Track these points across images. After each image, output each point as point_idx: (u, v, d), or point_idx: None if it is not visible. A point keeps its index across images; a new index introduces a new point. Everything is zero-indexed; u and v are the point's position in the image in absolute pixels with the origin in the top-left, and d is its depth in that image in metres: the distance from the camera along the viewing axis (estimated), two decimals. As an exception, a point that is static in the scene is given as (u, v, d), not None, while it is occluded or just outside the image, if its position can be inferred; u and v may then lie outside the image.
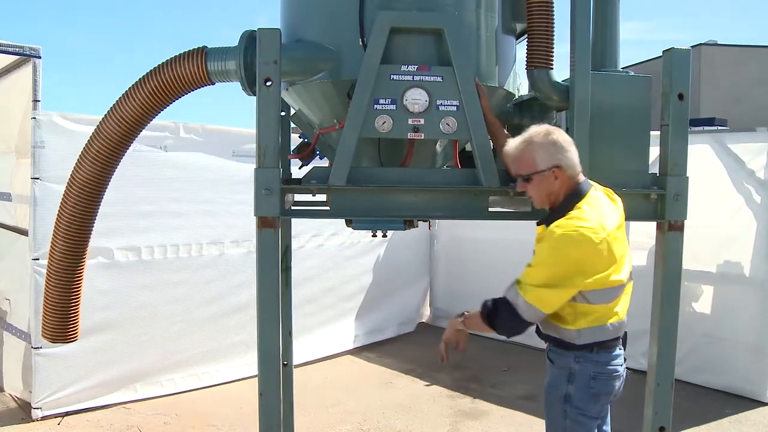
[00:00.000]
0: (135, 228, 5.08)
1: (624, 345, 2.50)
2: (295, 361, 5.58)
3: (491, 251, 6.84)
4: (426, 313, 8.18)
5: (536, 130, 2.41)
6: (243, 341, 5.60)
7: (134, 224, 5.07)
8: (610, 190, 2.52)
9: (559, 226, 2.27)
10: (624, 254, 2.37)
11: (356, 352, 6.76)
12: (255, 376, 2.58)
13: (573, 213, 2.31)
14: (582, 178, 2.43)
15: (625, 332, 2.49)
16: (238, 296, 5.63)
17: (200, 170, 5.44)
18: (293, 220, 3.59)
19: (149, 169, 5.10)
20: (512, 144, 2.44)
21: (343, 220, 2.75)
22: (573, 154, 2.39)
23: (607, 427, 2.57)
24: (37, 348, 4.61)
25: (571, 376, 2.39)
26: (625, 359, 2.50)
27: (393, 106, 2.46)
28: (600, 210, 2.33)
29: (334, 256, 6.66)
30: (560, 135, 2.40)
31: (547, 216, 2.42)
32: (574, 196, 2.37)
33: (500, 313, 2.34)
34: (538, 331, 2.55)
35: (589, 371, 2.38)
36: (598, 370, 2.39)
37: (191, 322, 5.44)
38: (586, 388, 2.38)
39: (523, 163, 2.39)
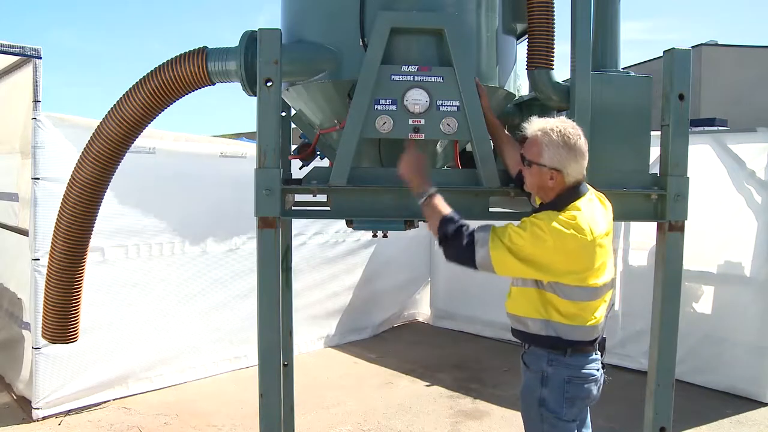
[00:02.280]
0: (126, 227, 5.10)
1: (602, 350, 2.48)
2: (297, 352, 5.66)
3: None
4: (423, 311, 8.18)
5: (558, 125, 2.32)
6: (228, 334, 5.75)
7: (125, 223, 5.08)
8: (602, 195, 2.50)
9: (556, 218, 2.24)
10: (605, 261, 2.35)
11: (359, 352, 6.76)
12: (242, 368, 2.57)
13: (570, 211, 2.29)
14: (582, 179, 2.40)
15: (604, 338, 2.48)
16: (218, 293, 5.73)
17: (186, 168, 5.44)
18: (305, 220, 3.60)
19: (136, 169, 5.10)
20: (533, 124, 2.38)
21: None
22: (582, 164, 2.35)
23: (587, 431, 2.56)
24: (37, 348, 4.61)
25: (544, 380, 2.38)
26: (603, 365, 2.48)
27: (393, 107, 2.47)
28: (593, 214, 2.33)
29: (340, 255, 6.70)
30: (579, 142, 2.33)
31: (540, 208, 2.40)
32: (571, 194, 2.34)
33: (455, 243, 2.31)
34: (513, 331, 2.54)
35: (563, 375, 2.36)
36: (572, 374, 2.36)
37: (181, 318, 5.50)
38: (561, 392, 2.36)
39: (531, 148, 2.35)
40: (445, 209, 2.37)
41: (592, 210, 2.34)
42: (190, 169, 5.46)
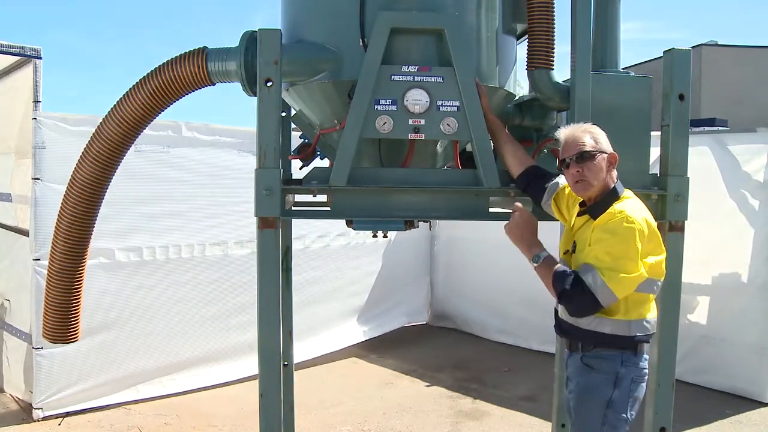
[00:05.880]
0: (137, 228, 5.08)
1: None
2: (302, 358, 5.61)
3: (491, 252, 6.85)
4: (423, 312, 8.18)
5: (590, 124, 2.43)
6: (245, 341, 5.60)
7: (136, 225, 5.07)
8: None
9: (622, 211, 2.25)
10: None
11: (358, 352, 6.76)
12: (257, 376, 2.57)
13: (626, 202, 2.33)
14: None
15: None
16: (241, 297, 5.61)
17: (204, 169, 5.43)
18: (299, 220, 3.59)
19: (152, 168, 5.11)
20: (572, 126, 2.42)
21: (344, 220, 2.75)
22: None
23: None
24: (38, 348, 4.61)
25: (618, 381, 2.34)
26: None
27: (393, 107, 2.47)
28: (641, 202, 2.40)
29: (340, 256, 6.70)
30: None
31: (591, 206, 2.37)
32: (618, 189, 2.38)
33: (576, 297, 2.26)
34: (564, 331, 2.50)
35: (632, 375, 2.36)
36: (637, 374, 2.37)
37: (193, 323, 5.44)
38: (629, 393, 2.36)
39: (588, 141, 2.33)
40: (555, 266, 2.35)
41: (638, 199, 2.42)
42: (211, 167, 5.43)
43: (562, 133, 2.42)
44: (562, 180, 2.53)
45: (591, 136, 2.35)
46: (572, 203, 2.50)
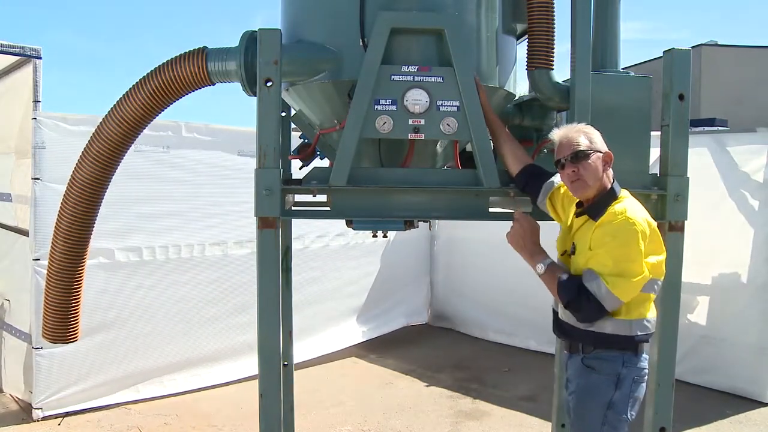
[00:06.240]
0: (136, 228, 5.08)
1: None
2: (302, 358, 5.62)
3: (491, 252, 6.85)
4: (423, 312, 8.18)
5: (584, 124, 2.44)
6: (245, 341, 5.59)
7: (136, 225, 5.07)
8: None
9: (623, 212, 2.26)
10: None
11: (358, 352, 6.76)
12: (257, 376, 2.57)
13: (625, 202, 2.33)
14: None
15: None
16: (241, 297, 5.60)
17: (204, 169, 5.43)
18: (298, 220, 3.59)
19: (152, 168, 5.11)
20: (565, 127, 2.43)
21: (344, 220, 2.75)
22: None
23: None
24: (38, 348, 4.61)
25: (619, 382, 2.34)
26: None
27: (393, 107, 2.47)
28: (639, 203, 2.40)
29: (339, 256, 6.69)
30: None
31: (590, 206, 2.36)
32: (616, 188, 2.37)
33: (583, 305, 2.27)
34: (564, 333, 2.49)
35: (633, 375, 2.36)
36: (638, 374, 2.37)
37: (193, 323, 5.43)
38: (629, 393, 2.36)
39: (582, 140, 2.33)
40: (559, 274, 2.35)
41: (635, 200, 2.41)
42: (211, 167, 5.43)
43: (556, 134, 2.42)
44: (557, 179, 2.53)
45: (585, 135, 2.35)
46: (568, 203, 2.49)
